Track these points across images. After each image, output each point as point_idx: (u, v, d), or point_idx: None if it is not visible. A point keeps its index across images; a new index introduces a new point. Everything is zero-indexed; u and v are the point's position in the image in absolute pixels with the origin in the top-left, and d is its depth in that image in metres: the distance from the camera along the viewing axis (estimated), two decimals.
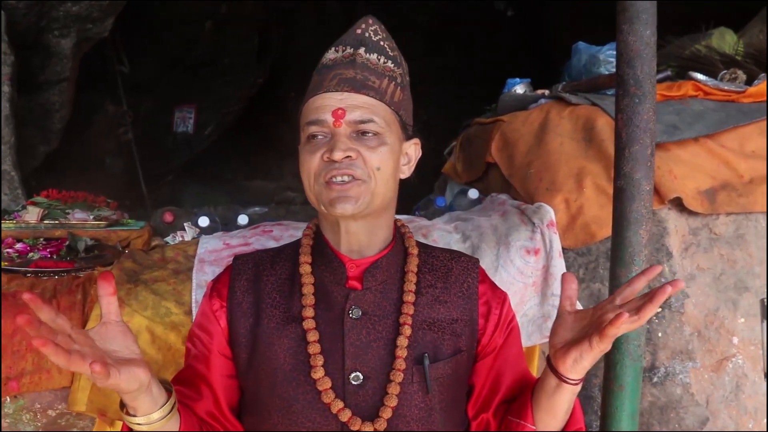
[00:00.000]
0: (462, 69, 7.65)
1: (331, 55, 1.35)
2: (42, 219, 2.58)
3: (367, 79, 1.30)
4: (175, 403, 1.19)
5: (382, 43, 1.36)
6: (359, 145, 1.27)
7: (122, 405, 1.17)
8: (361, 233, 1.34)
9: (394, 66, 1.35)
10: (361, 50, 1.33)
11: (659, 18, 1.71)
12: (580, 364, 1.19)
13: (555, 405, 1.27)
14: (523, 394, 1.35)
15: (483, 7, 7.70)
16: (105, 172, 6.75)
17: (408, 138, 1.38)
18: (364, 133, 1.28)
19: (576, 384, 1.23)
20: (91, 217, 2.65)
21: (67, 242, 2.45)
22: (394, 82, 1.33)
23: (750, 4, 3.77)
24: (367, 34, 1.35)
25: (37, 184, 4.74)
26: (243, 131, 7.66)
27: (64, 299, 2.06)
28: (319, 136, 1.29)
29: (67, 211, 2.65)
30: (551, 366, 1.25)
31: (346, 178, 1.26)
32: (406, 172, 1.39)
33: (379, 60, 1.33)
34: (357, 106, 1.27)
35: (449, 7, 7.78)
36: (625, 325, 1.09)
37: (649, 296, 1.10)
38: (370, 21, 1.38)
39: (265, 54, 7.64)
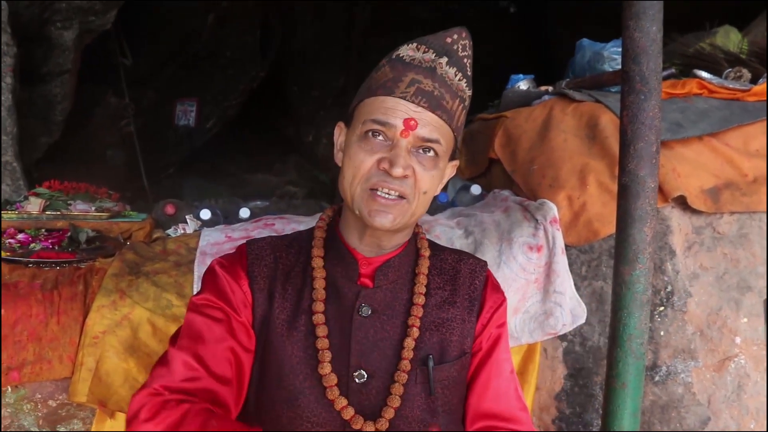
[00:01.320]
0: None
1: (410, 51, 1.31)
2: (44, 210, 2.58)
3: (442, 98, 1.26)
4: None
5: (465, 60, 1.33)
6: (415, 162, 1.25)
7: None
8: (384, 238, 1.34)
9: (466, 86, 1.33)
10: (444, 60, 1.29)
11: (664, 16, 1.70)
12: None
13: None
14: None
15: (485, 4, 7.68)
16: (106, 165, 6.74)
17: (452, 158, 1.37)
18: (424, 150, 1.26)
19: None
20: (93, 208, 2.65)
21: (69, 233, 2.45)
22: (462, 105, 1.31)
23: (754, 3, 3.77)
24: (455, 46, 1.31)
25: (39, 175, 4.73)
26: (245, 125, 7.65)
27: (66, 290, 2.06)
28: (379, 137, 1.26)
29: (69, 202, 2.65)
30: None
31: (393, 194, 1.24)
32: (440, 188, 1.38)
33: (455, 76, 1.30)
34: (428, 122, 1.25)
35: (451, 4, 7.76)
36: None
37: None
38: (464, 34, 1.34)
39: (267, 47, 7.63)
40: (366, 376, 1.29)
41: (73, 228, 2.46)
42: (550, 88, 2.87)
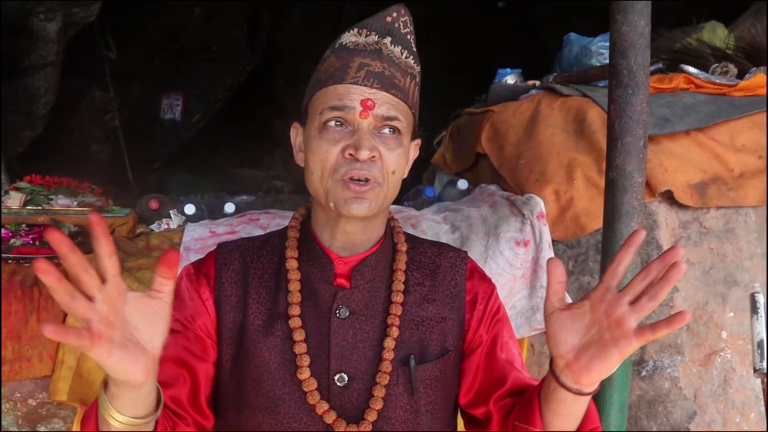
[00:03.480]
0: (452, 59, 7.62)
1: (352, 37, 1.28)
2: (24, 205, 2.54)
3: (393, 77, 1.24)
4: (156, 419, 1.07)
5: (408, 36, 1.30)
6: (379, 143, 1.22)
7: (105, 383, 1.01)
8: (357, 232, 1.30)
9: (414, 63, 1.30)
10: (387, 40, 1.26)
11: (652, 11, 1.69)
12: (605, 374, 1.06)
13: (572, 413, 1.15)
14: (528, 399, 1.23)
15: None
16: (91, 159, 6.70)
17: (414, 138, 1.34)
18: (385, 130, 1.23)
19: (594, 391, 1.12)
20: (75, 203, 2.61)
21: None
22: (413, 81, 1.29)
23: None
24: (396, 24, 1.29)
25: (22, 169, 4.68)
26: (231, 119, 7.61)
27: (46, 287, 2.02)
28: (339, 125, 1.22)
29: (50, 197, 2.62)
30: (563, 379, 1.09)
31: (364, 179, 1.22)
32: (406, 172, 1.34)
33: (402, 54, 1.27)
34: (385, 101, 1.22)
35: None
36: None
37: (661, 280, 1.00)
38: (402, 11, 1.31)
39: (254, 41, 7.59)
40: (347, 378, 1.26)
41: (55, 223, 2.42)
42: (538, 83, 2.87)
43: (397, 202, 2.79)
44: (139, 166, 6.91)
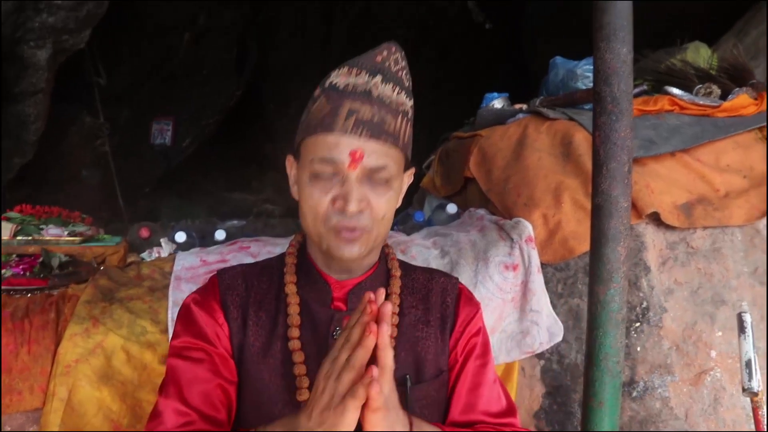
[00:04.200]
0: (440, 82, 7.67)
1: (342, 76, 1.28)
2: (15, 235, 2.54)
3: (383, 122, 1.24)
4: None
5: (400, 73, 1.30)
6: (369, 191, 1.24)
7: None
8: (354, 263, 1.33)
9: (407, 98, 1.30)
10: (378, 79, 1.26)
11: (635, 32, 1.71)
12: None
13: None
14: None
15: (461, 20, 7.73)
16: (81, 185, 6.68)
17: (407, 169, 1.36)
18: (375, 178, 1.24)
19: None
20: (66, 232, 2.62)
21: (41, 259, 2.41)
22: (406, 118, 1.29)
23: (723, 20, 3.83)
24: (387, 63, 1.29)
25: (12, 196, 4.68)
26: (222, 143, 7.62)
27: (37, 318, 2.03)
28: (327, 176, 1.24)
29: (40, 226, 2.62)
30: None
31: (354, 229, 1.24)
32: (399, 201, 1.37)
33: (393, 91, 1.27)
34: (374, 150, 1.23)
35: (428, 20, 7.81)
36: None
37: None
38: (393, 49, 1.31)
39: (244, 65, 7.62)
40: None
41: (45, 253, 2.42)
42: (524, 107, 2.89)
43: None
44: (129, 191, 6.90)
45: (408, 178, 1.38)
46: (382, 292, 1.11)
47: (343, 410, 1.03)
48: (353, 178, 1.22)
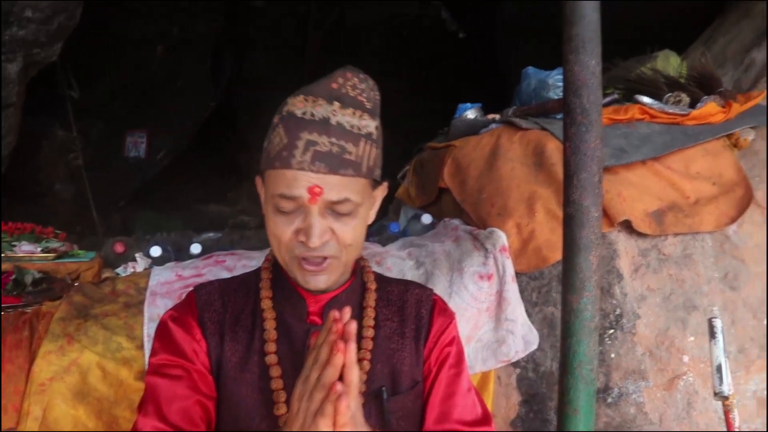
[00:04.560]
0: (415, 91, 7.70)
1: (299, 104, 1.24)
2: None
3: (343, 152, 1.21)
4: None
5: (359, 96, 1.27)
6: (333, 221, 1.24)
7: None
8: (321, 290, 1.34)
9: (370, 119, 1.27)
10: (336, 106, 1.23)
11: (605, 41, 1.74)
12: None
13: None
14: None
15: (436, 30, 7.78)
16: (55, 199, 6.63)
17: (377, 185, 1.35)
18: (338, 211, 1.24)
19: None
20: (39, 249, 2.60)
21: (14, 276, 2.39)
22: (370, 141, 1.26)
23: (692, 28, 3.89)
24: (343, 90, 1.26)
25: None
26: (197, 155, 7.59)
27: (10, 337, 2.01)
28: (290, 210, 1.24)
29: (13, 243, 2.60)
30: None
31: (318, 260, 1.25)
32: (372, 216, 1.36)
33: (354, 116, 1.24)
34: (334, 184, 1.21)
35: (402, 30, 7.85)
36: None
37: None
38: (348, 75, 1.27)
39: (219, 77, 7.60)
40: None
41: (18, 270, 2.40)
42: (497, 117, 2.91)
43: None
44: (103, 205, 6.85)
45: (381, 192, 1.38)
46: (347, 310, 1.12)
47: (315, 429, 1.05)
48: (315, 211, 1.22)
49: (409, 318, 1.42)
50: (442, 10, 7.71)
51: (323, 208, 1.23)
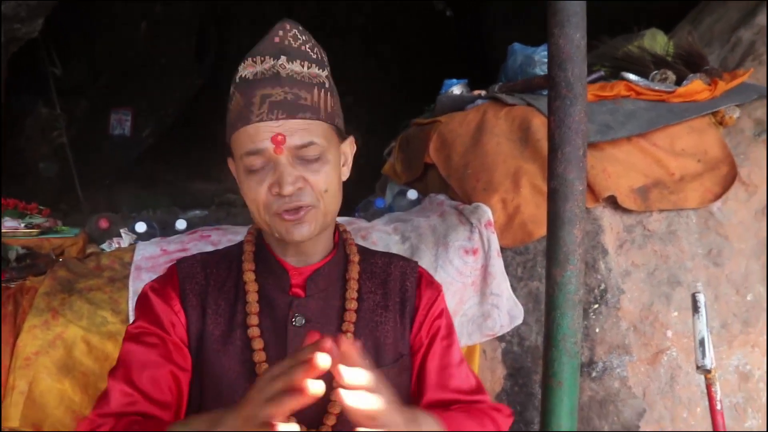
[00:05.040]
0: (400, 70, 7.67)
1: (249, 67, 1.27)
2: None
3: (298, 98, 1.24)
4: None
5: (303, 47, 1.30)
6: (304, 170, 1.24)
7: None
8: (308, 245, 1.34)
9: (319, 69, 1.30)
10: (283, 59, 1.26)
11: (593, 19, 1.73)
12: None
13: None
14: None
15: (421, 8, 7.74)
16: (39, 178, 6.58)
17: (343, 139, 1.36)
18: (305, 155, 1.25)
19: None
20: (23, 225, 2.58)
21: None
22: (323, 89, 1.29)
23: (679, 6, 3.89)
24: (286, 42, 1.28)
25: None
26: (182, 133, 7.54)
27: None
28: (260, 166, 1.25)
29: None
30: None
31: (295, 208, 1.24)
32: (346, 172, 1.38)
33: (303, 67, 1.27)
34: (295, 129, 1.23)
35: (386, 8, 7.80)
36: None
37: None
38: (287, 26, 1.30)
39: (203, 54, 7.53)
40: None
41: (2, 246, 2.38)
42: (483, 93, 2.91)
43: (348, 213, 2.82)
44: (88, 184, 6.80)
45: (350, 147, 1.39)
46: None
47: (263, 416, 0.97)
48: (283, 161, 1.23)
49: (393, 291, 1.42)
50: None
51: (291, 158, 1.24)
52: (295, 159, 1.24)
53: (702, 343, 2.00)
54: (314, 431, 1.28)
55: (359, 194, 3.11)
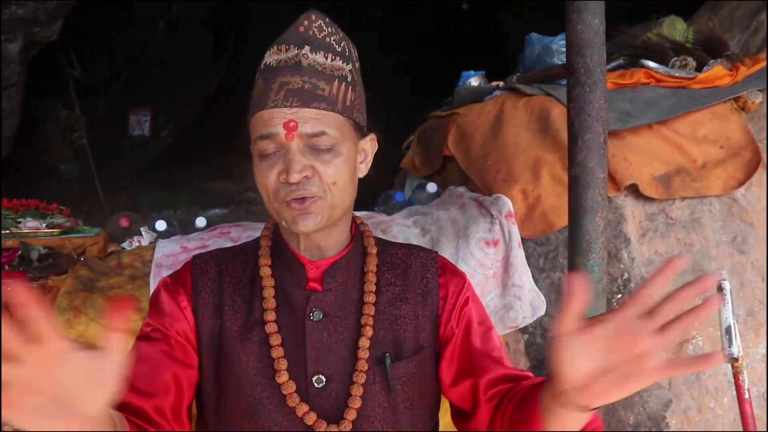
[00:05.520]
0: (418, 63, 7.65)
1: (274, 54, 1.27)
2: None
3: (316, 88, 1.23)
4: None
5: (328, 39, 1.29)
6: (314, 159, 1.23)
7: None
8: (320, 238, 1.32)
9: (342, 63, 1.29)
10: (306, 49, 1.25)
11: (612, 8, 1.72)
12: (622, 397, 0.96)
13: (576, 422, 1.06)
14: (526, 405, 1.18)
15: (437, 1, 7.72)
16: (60, 179, 6.65)
17: (363, 135, 1.34)
18: (317, 145, 1.23)
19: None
20: (44, 225, 2.60)
21: (20, 252, 2.39)
22: (344, 83, 1.27)
23: None
24: (311, 32, 1.28)
25: None
26: (201, 132, 7.58)
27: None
28: (272, 151, 1.24)
29: (18, 220, 2.59)
30: (570, 399, 1.00)
31: (301, 198, 1.23)
32: (364, 170, 1.36)
33: (326, 59, 1.26)
34: (308, 118, 1.22)
35: (403, 2, 7.79)
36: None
37: (697, 308, 0.91)
38: (313, 17, 1.29)
39: (220, 53, 7.56)
40: (324, 380, 1.28)
41: (24, 246, 2.40)
42: (501, 84, 2.89)
43: (367, 207, 2.82)
44: (109, 184, 6.86)
45: (371, 144, 1.37)
46: None
47: None
48: (294, 148, 1.22)
49: (413, 282, 1.40)
50: None
51: (302, 146, 1.23)
52: (306, 148, 1.23)
53: (728, 331, 1.97)
54: (335, 428, 1.27)
55: (379, 188, 3.10)
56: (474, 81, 2.99)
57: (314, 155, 1.23)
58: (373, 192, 2.72)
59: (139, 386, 1.22)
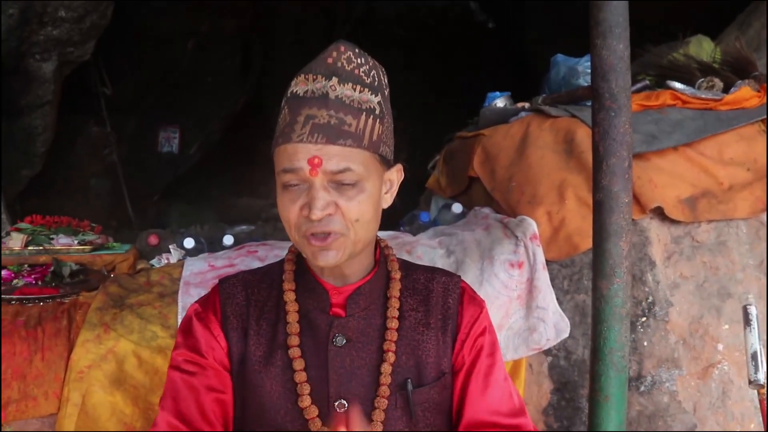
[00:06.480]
0: (443, 82, 7.69)
1: (301, 84, 1.26)
2: (26, 245, 2.58)
3: (342, 123, 1.22)
4: None
5: (357, 71, 1.27)
6: (337, 195, 1.23)
7: None
8: (344, 267, 1.33)
9: (371, 94, 1.27)
10: (334, 81, 1.24)
11: (637, 26, 1.72)
12: None
13: None
14: None
15: (463, 20, 7.75)
16: (90, 194, 6.75)
17: (389, 166, 1.34)
18: (341, 181, 1.23)
19: None
20: (76, 242, 2.65)
21: (52, 268, 2.45)
22: (372, 116, 1.26)
23: (726, 11, 3.83)
24: (339, 64, 1.26)
25: (21, 208, 4.72)
26: (228, 149, 7.66)
27: (49, 326, 2.06)
28: (295, 184, 1.24)
29: (51, 236, 2.65)
30: None
31: (323, 235, 1.24)
32: (389, 200, 1.36)
33: (354, 91, 1.25)
34: (333, 154, 1.21)
35: (429, 21, 7.83)
36: None
37: None
38: (342, 48, 1.28)
39: (248, 71, 7.65)
40: (346, 404, 1.30)
41: (56, 262, 2.46)
42: (527, 105, 2.90)
43: (393, 227, 2.83)
44: (138, 200, 6.96)
45: (397, 174, 1.37)
46: None
47: None
48: (317, 184, 1.22)
49: (435, 308, 1.40)
50: (471, 1, 7.67)
51: (326, 182, 1.22)
52: (330, 183, 1.23)
53: (754, 356, 1.95)
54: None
55: (404, 208, 3.12)
56: (500, 102, 3.00)
57: (338, 191, 1.23)
58: (398, 212, 2.73)
59: (198, 426, 1.28)
